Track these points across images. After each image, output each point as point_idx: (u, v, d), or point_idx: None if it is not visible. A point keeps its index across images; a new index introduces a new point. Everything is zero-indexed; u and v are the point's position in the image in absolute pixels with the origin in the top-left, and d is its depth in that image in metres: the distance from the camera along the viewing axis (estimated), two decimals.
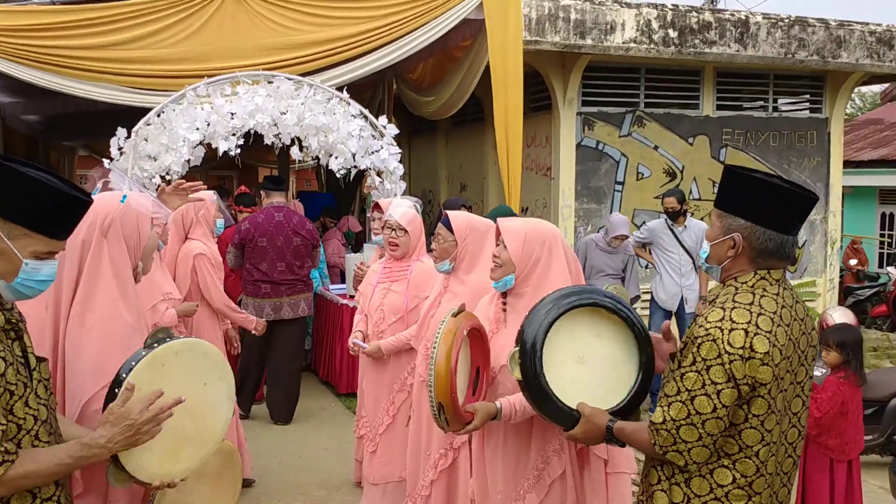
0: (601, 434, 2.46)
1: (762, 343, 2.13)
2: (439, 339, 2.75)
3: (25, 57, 6.41)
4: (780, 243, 2.25)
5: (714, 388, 2.14)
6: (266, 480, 5.43)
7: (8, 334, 1.99)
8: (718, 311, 2.19)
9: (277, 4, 6.84)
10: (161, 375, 2.22)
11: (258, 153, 14.03)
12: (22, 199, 1.93)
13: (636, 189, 9.37)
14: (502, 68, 7.14)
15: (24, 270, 1.96)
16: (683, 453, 2.20)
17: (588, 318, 2.62)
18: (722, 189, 2.34)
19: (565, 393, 2.53)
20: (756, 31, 8.92)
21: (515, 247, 3.02)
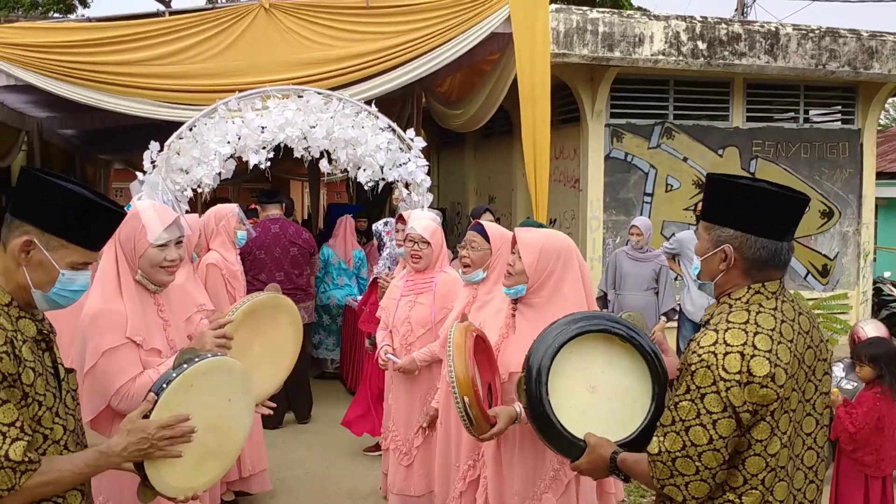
0: (605, 465, 2.32)
1: (761, 365, 1.98)
2: (453, 353, 2.77)
3: (62, 73, 6.57)
4: (774, 251, 2.09)
5: (709, 417, 1.98)
6: (294, 490, 5.47)
7: (39, 345, 2.04)
8: (711, 335, 2.04)
9: (307, 20, 6.94)
10: (190, 395, 2.27)
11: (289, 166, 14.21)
12: (61, 212, 1.99)
13: (665, 200, 9.34)
14: (530, 81, 7.17)
15: (60, 281, 2.02)
16: (681, 487, 2.04)
17: (601, 345, 2.52)
18: (707, 199, 2.20)
19: (574, 423, 2.42)
20: (786, 42, 8.86)
21: (530, 259, 3.05)
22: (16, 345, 1.93)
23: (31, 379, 1.94)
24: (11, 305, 2.01)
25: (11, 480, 1.89)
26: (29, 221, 2.00)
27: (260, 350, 3.16)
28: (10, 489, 1.89)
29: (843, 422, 4.33)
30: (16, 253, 1.99)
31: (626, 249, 7.38)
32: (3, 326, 1.92)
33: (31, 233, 1.99)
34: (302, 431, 6.68)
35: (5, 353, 1.89)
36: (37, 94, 7.46)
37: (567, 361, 2.50)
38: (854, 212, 10.06)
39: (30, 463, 1.91)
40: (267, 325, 3.17)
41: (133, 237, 2.95)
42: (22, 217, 2.01)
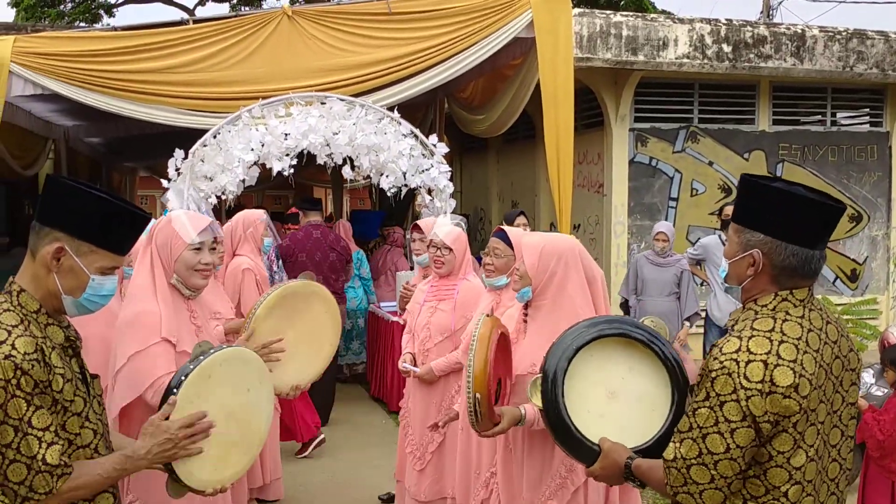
0: (620, 471, 2.28)
1: (785, 375, 1.91)
2: (476, 342, 2.77)
3: (88, 81, 6.62)
4: (804, 259, 2.02)
5: (728, 426, 1.93)
6: (318, 495, 5.47)
7: (66, 351, 2.07)
8: (734, 342, 1.98)
9: (330, 27, 6.95)
10: (208, 386, 2.29)
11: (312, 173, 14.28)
12: (90, 218, 2.02)
13: (691, 205, 9.25)
14: (553, 86, 7.13)
15: (90, 286, 2.05)
16: (695, 495, 1.99)
17: (622, 350, 2.49)
18: (740, 201, 2.14)
19: (591, 428, 2.39)
20: (813, 44, 8.76)
21: (531, 261, 3.07)
22: (46, 352, 1.95)
23: (59, 385, 1.97)
24: (40, 313, 2.03)
25: (49, 484, 1.92)
26: (59, 228, 2.02)
27: (295, 336, 3.20)
28: (48, 493, 1.92)
29: (871, 428, 4.25)
30: (47, 260, 2.02)
31: (646, 255, 7.31)
32: (33, 334, 1.95)
33: (62, 239, 2.02)
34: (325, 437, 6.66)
35: (36, 360, 1.91)
36: (63, 102, 7.54)
37: (587, 365, 2.48)
38: (883, 215, 9.92)
39: (65, 467, 1.94)
40: (301, 312, 3.22)
41: (169, 241, 3.05)
42: (51, 224, 2.03)
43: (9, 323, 1.95)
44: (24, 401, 1.89)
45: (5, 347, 1.89)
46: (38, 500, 1.92)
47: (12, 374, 1.87)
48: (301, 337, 3.26)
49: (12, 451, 1.89)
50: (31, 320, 1.99)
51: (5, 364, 1.87)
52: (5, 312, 1.97)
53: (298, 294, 3.26)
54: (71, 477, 1.95)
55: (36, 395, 1.90)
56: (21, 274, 2.05)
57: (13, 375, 1.88)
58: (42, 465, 1.90)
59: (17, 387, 1.88)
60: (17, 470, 1.89)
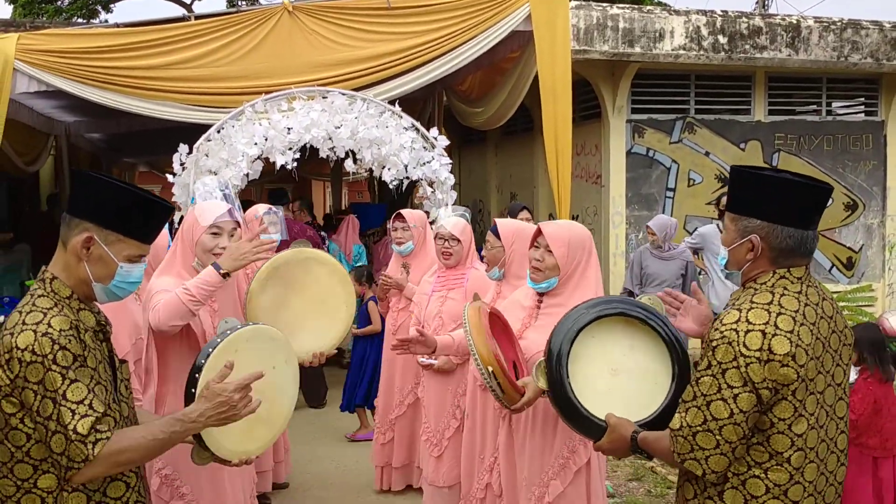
0: (627, 444, 2.38)
1: (782, 344, 2.04)
2: (470, 331, 2.86)
3: (92, 78, 6.69)
4: (800, 240, 2.16)
5: (730, 392, 2.05)
6: (323, 483, 5.58)
7: (97, 335, 2.17)
8: (734, 313, 2.11)
9: (330, 21, 7.02)
10: (235, 359, 2.33)
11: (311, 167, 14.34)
12: (117, 209, 2.13)
13: (688, 195, 9.34)
14: (551, 78, 7.21)
15: (119, 273, 2.16)
16: (701, 461, 2.11)
17: (622, 328, 2.59)
18: (733, 191, 2.27)
19: (597, 404, 2.49)
20: (808, 34, 8.84)
21: (561, 252, 3.14)
22: (80, 330, 2.06)
23: (95, 363, 2.07)
24: (72, 298, 2.14)
25: (84, 452, 2.00)
26: (87, 219, 2.13)
27: (302, 304, 3.25)
28: (85, 460, 2.01)
29: None
30: (77, 249, 2.12)
31: (649, 248, 7.38)
32: (66, 315, 2.06)
33: (91, 230, 2.13)
34: (328, 427, 6.77)
35: (72, 335, 2.02)
36: (64, 98, 7.61)
37: (589, 345, 2.58)
38: (878, 204, 10.01)
39: (97, 433, 2.01)
40: (301, 279, 3.27)
41: (191, 225, 3.22)
42: (80, 215, 2.14)
43: (44, 306, 2.07)
44: (60, 375, 1.99)
45: (42, 326, 2.01)
46: (78, 469, 2.01)
47: (49, 349, 1.98)
48: (309, 304, 3.29)
49: (53, 423, 2.00)
50: (64, 304, 2.10)
51: (42, 340, 1.98)
52: (40, 297, 2.09)
53: (291, 262, 3.31)
54: (111, 441, 2.02)
55: (72, 368, 2.00)
56: (53, 263, 2.17)
57: (50, 351, 1.98)
58: (74, 434, 1.99)
59: (54, 361, 1.98)
60: (58, 441, 2.00)
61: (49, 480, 2.05)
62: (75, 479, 2.05)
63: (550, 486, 3.13)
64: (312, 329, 3.31)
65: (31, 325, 2.02)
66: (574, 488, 3.13)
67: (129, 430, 2.11)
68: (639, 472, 5.72)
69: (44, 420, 2.00)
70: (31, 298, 2.11)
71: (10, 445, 2.05)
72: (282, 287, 3.23)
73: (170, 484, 3.13)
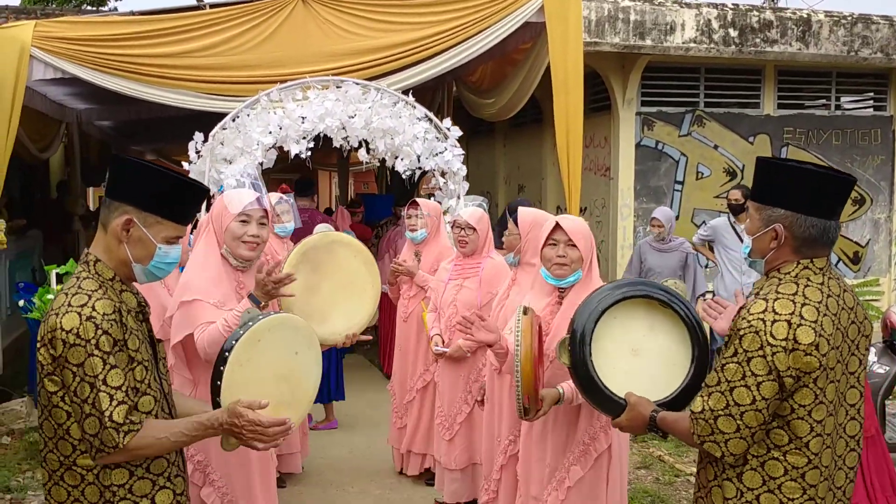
0: (644, 423, 2.46)
1: (806, 334, 2.10)
2: (521, 338, 2.88)
3: (108, 65, 6.73)
4: (823, 229, 2.21)
5: (754, 379, 2.12)
6: (339, 468, 5.65)
7: (137, 316, 2.23)
8: (761, 303, 2.17)
9: (344, 11, 7.06)
10: (258, 350, 2.43)
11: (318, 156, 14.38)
12: (155, 192, 2.19)
13: (696, 188, 9.38)
14: (563, 70, 7.24)
15: (157, 254, 2.22)
16: (720, 444, 2.18)
17: (643, 310, 2.67)
18: (758, 181, 2.31)
19: (617, 383, 2.57)
20: (818, 29, 8.86)
21: (585, 245, 3.23)
22: (123, 313, 2.12)
23: (136, 345, 2.14)
24: (115, 280, 2.21)
25: (115, 439, 2.08)
26: (127, 202, 2.19)
27: (330, 288, 3.30)
28: (115, 447, 2.08)
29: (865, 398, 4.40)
30: (118, 231, 2.19)
31: (649, 241, 7.39)
32: (110, 297, 2.12)
33: (130, 212, 2.19)
34: (341, 413, 6.84)
35: (114, 320, 2.09)
36: (77, 86, 7.66)
37: (611, 326, 2.65)
38: (886, 199, 10.05)
39: (131, 424, 2.09)
40: (328, 263, 3.32)
41: (221, 213, 3.25)
42: (120, 199, 2.20)
43: (89, 288, 2.13)
44: (101, 360, 2.06)
45: (86, 309, 2.07)
46: (108, 453, 2.09)
47: (93, 333, 2.05)
48: (338, 286, 3.33)
49: (88, 406, 2.07)
50: (107, 286, 2.17)
51: (87, 325, 2.05)
52: (86, 279, 2.15)
53: (319, 247, 3.36)
54: (139, 435, 2.10)
55: (113, 353, 2.07)
56: (95, 245, 2.22)
57: (94, 335, 2.05)
58: (109, 421, 2.06)
59: (96, 346, 2.05)
60: (92, 423, 2.08)
61: (87, 459, 2.12)
62: (100, 461, 2.12)
63: (571, 472, 3.20)
64: (343, 311, 3.36)
65: (76, 308, 2.08)
66: (594, 473, 3.20)
67: (156, 425, 2.17)
68: (647, 461, 5.79)
69: (80, 402, 2.07)
70: (77, 280, 2.17)
71: (54, 422, 2.12)
72: (311, 272, 3.28)
73: (202, 470, 3.19)
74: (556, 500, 3.24)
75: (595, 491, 3.23)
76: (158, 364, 2.27)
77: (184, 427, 2.21)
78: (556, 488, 3.24)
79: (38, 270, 9.13)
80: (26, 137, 8.43)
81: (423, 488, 5.25)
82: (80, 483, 2.13)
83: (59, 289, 2.22)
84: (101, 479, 2.13)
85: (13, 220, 8.63)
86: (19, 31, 6.66)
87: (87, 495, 2.13)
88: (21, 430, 6.26)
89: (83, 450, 2.11)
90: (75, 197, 12.33)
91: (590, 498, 3.22)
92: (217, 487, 3.20)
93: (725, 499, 2.24)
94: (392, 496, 5.24)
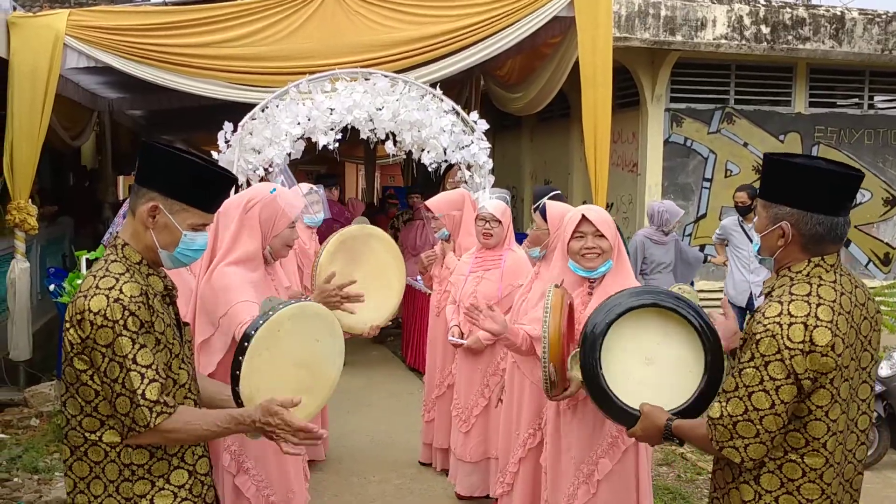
0: (659, 432, 2.44)
1: (823, 335, 2.10)
2: (549, 312, 2.91)
3: (140, 55, 6.82)
4: (830, 227, 2.19)
5: (773, 384, 2.11)
6: (358, 457, 5.69)
7: (164, 300, 2.27)
8: (776, 306, 2.16)
9: (374, 4, 7.09)
10: (278, 338, 2.45)
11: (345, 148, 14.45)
12: (181, 179, 2.21)
13: (725, 186, 9.31)
14: (591, 65, 7.21)
15: (182, 241, 2.25)
16: (740, 449, 2.17)
17: (655, 318, 2.64)
18: (765, 178, 2.31)
19: (631, 393, 2.55)
20: (852, 26, 8.76)
21: (611, 233, 3.25)
22: (149, 296, 2.16)
23: (162, 327, 2.18)
24: (142, 264, 2.24)
25: (147, 418, 2.11)
26: (154, 189, 2.22)
27: (363, 277, 3.35)
28: (146, 426, 2.12)
29: None
30: (144, 217, 2.22)
31: (648, 235, 7.13)
32: (137, 280, 2.16)
33: (157, 199, 2.21)
34: (363, 403, 6.88)
35: (142, 302, 2.12)
36: (109, 75, 7.75)
37: (623, 336, 2.63)
38: None
39: (164, 405, 2.13)
40: (363, 254, 3.37)
41: (274, 218, 3.25)
42: (148, 185, 2.23)
43: (116, 271, 2.17)
44: (130, 340, 2.09)
45: (114, 292, 2.11)
46: (139, 432, 2.13)
47: (120, 315, 2.08)
48: (369, 277, 3.38)
49: (118, 385, 2.10)
50: (135, 270, 2.20)
51: (114, 306, 2.08)
52: (113, 263, 2.19)
53: (357, 237, 3.40)
54: (172, 418, 2.14)
55: (141, 334, 2.11)
56: (124, 230, 2.26)
57: (121, 316, 2.08)
58: (141, 399, 2.10)
59: (125, 327, 2.09)
60: (123, 402, 2.11)
61: (113, 436, 2.16)
62: (131, 441, 2.16)
63: (600, 464, 3.19)
64: (372, 302, 3.39)
65: (103, 290, 2.11)
66: (622, 466, 3.19)
67: (189, 411, 2.20)
68: (669, 458, 5.77)
69: (110, 382, 2.10)
70: (105, 263, 2.20)
71: (81, 400, 2.16)
72: (347, 260, 3.32)
73: (236, 458, 3.24)
74: (586, 494, 3.23)
75: (626, 484, 3.22)
76: (184, 347, 2.30)
77: (216, 418, 2.24)
78: (584, 482, 3.23)
79: (69, 256, 9.25)
80: (59, 125, 8.55)
81: (444, 479, 5.27)
82: (102, 459, 2.17)
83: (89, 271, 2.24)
84: (122, 457, 2.17)
85: (45, 206, 8.75)
86: (53, 19, 6.75)
87: (108, 472, 2.18)
88: (49, 412, 6.37)
89: (111, 425, 2.15)
90: (106, 185, 12.49)
91: (622, 491, 3.22)
92: (252, 475, 3.24)
93: (744, 501, 2.24)
94: (413, 486, 5.27)
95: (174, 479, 2.23)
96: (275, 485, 3.28)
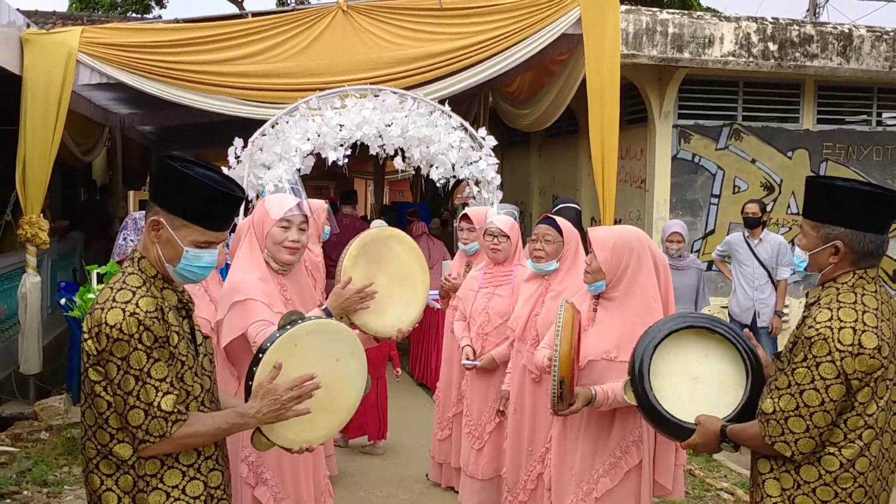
0: (716, 437, 2.62)
1: (870, 339, 2.31)
2: (561, 327, 2.95)
3: (152, 71, 6.89)
4: (879, 244, 2.43)
5: (823, 383, 2.30)
6: (366, 472, 5.69)
7: (179, 312, 2.30)
8: (826, 312, 2.36)
9: (383, 21, 7.16)
10: (294, 354, 2.43)
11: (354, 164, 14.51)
12: (179, 195, 2.23)
13: (733, 202, 9.30)
14: (599, 82, 7.26)
15: (185, 257, 2.26)
16: (791, 444, 2.36)
17: (695, 339, 2.82)
18: (812, 200, 2.48)
19: (684, 410, 2.72)
20: (860, 44, 8.77)
21: (604, 256, 3.21)
22: (164, 310, 2.19)
23: (175, 341, 2.21)
24: (157, 277, 2.28)
25: (163, 429, 2.15)
26: (157, 204, 2.26)
27: (387, 280, 3.32)
28: (162, 436, 2.16)
29: None
30: (148, 230, 2.27)
31: None
32: (153, 294, 2.19)
33: (159, 213, 2.25)
34: None
35: (156, 317, 2.16)
36: (120, 91, 7.83)
37: (668, 360, 2.81)
38: None
39: (179, 414, 2.17)
40: (385, 256, 3.34)
41: (262, 218, 3.30)
42: (153, 199, 2.28)
43: (133, 284, 2.20)
44: (145, 354, 2.13)
45: (130, 306, 2.14)
46: (152, 443, 2.16)
47: (136, 329, 2.12)
48: (394, 280, 3.32)
49: (132, 398, 2.14)
50: (150, 283, 2.24)
51: (130, 321, 2.12)
52: (131, 275, 2.22)
53: (378, 239, 3.36)
54: (186, 423, 2.18)
55: (155, 348, 2.14)
56: (141, 243, 2.30)
57: (136, 331, 2.12)
58: (158, 410, 2.13)
59: (140, 341, 2.12)
60: (136, 415, 2.14)
61: (124, 449, 2.18)
62: (145, 453, 2.18)
63: (599, 483, 3.19)
64: (398, 304, 3.36)
65: (120, 304, 2.14)
66: (624, 488, 3.19)
67: (199, 416, 2.24)
68: None
69: (123, 394, 2.13)
70: (122, 276, 2.23)
71: (95, 411, 2.19)
72: (370, 264, 3.28)
73: (255, 469, 3.23)
74: None
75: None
76: (202, 360, 2.33)
77: (223, 416, 2.30)
78: (582, 500, 3.23)
79: (79, 270, 9.31)
80: (71, 141, 8.63)
81: (451, 496, 5.27)
82: (114, 472, 2.20)
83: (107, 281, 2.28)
84: (136, 468, 2.20)
85: (56, 221, 8.81)
86: (67, 36, 6.84)
87: (121, 484, 2.20)
88: (59, 426, 6.39)
89: (121, 439, 2.18)
90: (116, 200, 12.58)
91: None
92: (270, 486, 3.25)
93: (783, 489, 2.42)
94: (420, 501, 5.27)
95: (190, 490, 2.25)
96: (291, 496, 3.28)
